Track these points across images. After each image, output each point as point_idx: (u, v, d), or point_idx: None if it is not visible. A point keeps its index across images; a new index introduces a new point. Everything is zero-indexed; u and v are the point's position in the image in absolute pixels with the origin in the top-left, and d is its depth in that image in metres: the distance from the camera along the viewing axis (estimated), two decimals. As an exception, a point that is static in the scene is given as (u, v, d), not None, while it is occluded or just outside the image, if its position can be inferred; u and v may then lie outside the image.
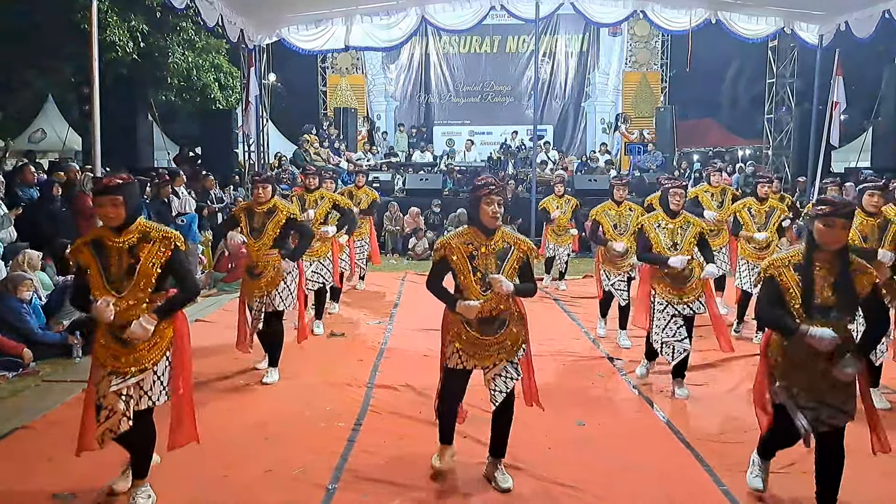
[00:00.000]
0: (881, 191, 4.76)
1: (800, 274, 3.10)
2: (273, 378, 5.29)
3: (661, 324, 4.94)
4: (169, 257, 3.26)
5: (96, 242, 3.26)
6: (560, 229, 9.01)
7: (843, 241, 3.05)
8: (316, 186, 6.76)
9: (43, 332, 5.96)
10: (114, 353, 3.25)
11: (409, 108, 20.06)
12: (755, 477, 3.53)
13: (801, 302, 3.07)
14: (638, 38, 18.88)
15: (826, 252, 3.06)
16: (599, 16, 12.77)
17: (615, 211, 6.41)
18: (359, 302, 8.35)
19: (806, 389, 3.12)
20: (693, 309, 4.95)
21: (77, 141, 16.47)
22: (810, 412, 3.11)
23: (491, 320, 3.51)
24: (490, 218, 3.47)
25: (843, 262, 3.06)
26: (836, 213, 3.00)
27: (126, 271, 3.22)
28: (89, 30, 6.17)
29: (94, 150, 6.21)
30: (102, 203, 3.17)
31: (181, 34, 13.63)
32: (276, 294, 5.23)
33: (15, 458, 3.91)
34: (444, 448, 3.74)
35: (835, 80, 11.86)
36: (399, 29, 12.78)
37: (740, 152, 20.99)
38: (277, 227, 5.19)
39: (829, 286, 3.05)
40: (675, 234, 4.92)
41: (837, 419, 3.09)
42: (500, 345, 3.54)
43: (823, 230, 3.03)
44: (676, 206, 4.95)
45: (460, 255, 3.51)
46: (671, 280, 4.91)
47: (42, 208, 8.14)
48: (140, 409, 3.27)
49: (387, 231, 12.67)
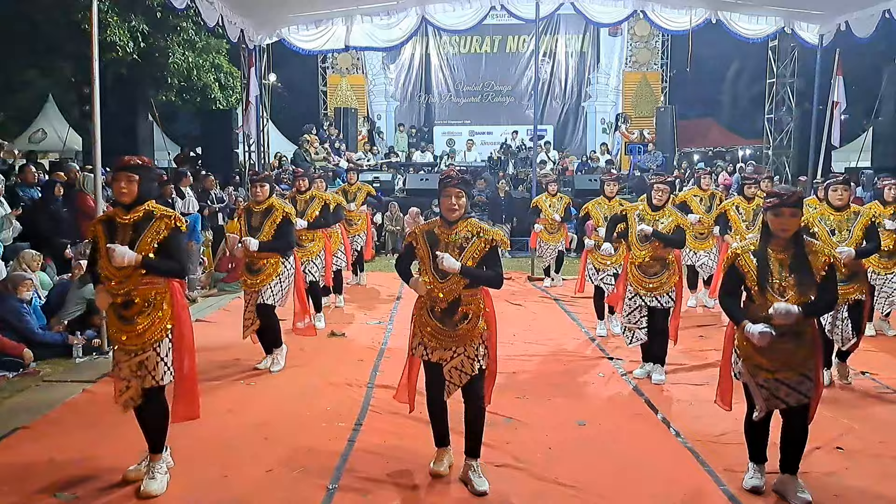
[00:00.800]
0: (843, 184, 4.96)
1: (756, 259, 3.35)
2: (279, 364, 5.46)
3: (627, 310, 5.30)
4: (167, 235, 3.47)
5: (109, 220, 3.56)
6: (552, 227, 9.08)
7: (794, 228, 3.29)
8: (307, 188, 6.84)
9: (43, 333, 5.96)
10: (119, 330, 3.49)
11: (409, 109, 20.07)
12: (751, 478, 3.55)
13: (758, 284, 3.31)
14: (638, 37, 18.88)
15: (781, 239, 3.31)
16: (599, 16, 12.76)
17: (606, 206, 6.60)
18: (359, 302, 8.36)
19: (764, 369, 3.35)
20: (661, 302, 5.17)
21: (77, 141, 16.48)
22: (766, 391, 3.36)
23: (451, 311, 3.54)
24: (447, 210, 3.54)
25: (798, 246, 3.31)
26: (783, 203, 3.25)
27: (128, 245, 3.41)
28: (90, 30, 6.15)
29: (94, 151, 6.19)
30: (119, 178, 3.44)
31: (181, 34, 13.64)
32: (267, 288, 5.37)
33: (16, 458, 3.91)
34: (441, 452, 3.73)
35: (835, 80, 11.85)
36: (399, 29, 12.77)
37: (740, 152, 21.00)
38: (274, 225, 5.34)
39: (785, 268, 3.30)
40: (653, 224, 5.16)
41: (791, 397, 3.33)
42: (459, 338, 3.54)
43: (774, 220, 3.30)
44: (659, 201, 5.21)
45: (422, 243, 3.60)
46: (641, 272, 5.19)
47: (43, 208, 8.15)
48: (146, 388, 3.46)
49: (387, 231, 12.67)
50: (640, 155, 16.51)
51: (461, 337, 3.54)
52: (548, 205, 9.03)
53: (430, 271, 3.56)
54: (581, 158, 17.38)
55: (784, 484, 3.45)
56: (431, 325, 3.58)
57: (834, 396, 4.96)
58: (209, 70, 14.68)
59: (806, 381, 3.33)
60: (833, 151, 13.52)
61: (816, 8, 11.52)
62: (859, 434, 4.29)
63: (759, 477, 3.53)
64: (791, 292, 3.26)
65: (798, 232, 3.32)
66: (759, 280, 3.31)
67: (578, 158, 17.39)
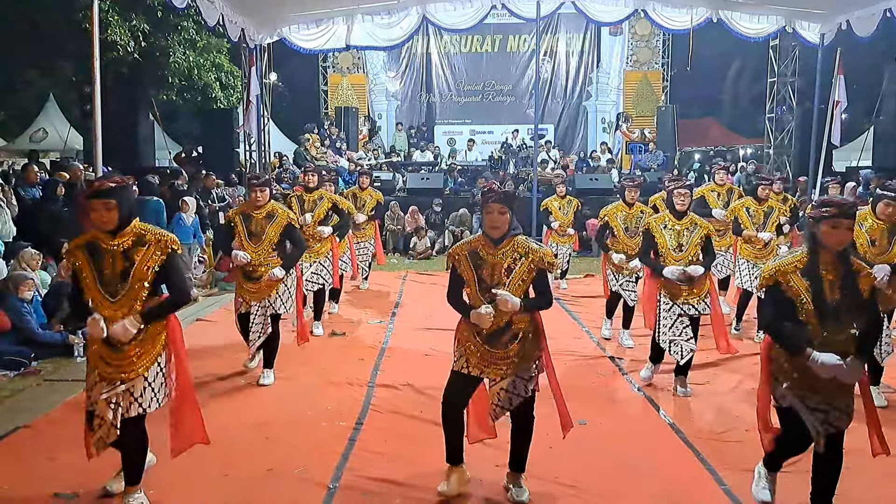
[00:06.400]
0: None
1: (808, 279, 3.03)
2: (269, 380, 5.23)
3: (668, 323, 4.94)
4: (164, 261, 3.22)
5: (91, 245, 3.22)
6: (562, 230, 8.99)
7: (848, 241, 3.02)
8: (315, 185, 6.66)
9: (44, 332, 5.97)
10: (104, 357, 3.20)
11: (410, 108, 20.05)
12: (763, 489, 3.41)
13: (813, 307, 3.00)
14: (639, 37, 18.86)
15: (829, 254, 3.02)
16: (600, 15, 12.76)
17: (626, 213, 6.33)
18: (360, 301, 8.35)
19: (814, 391, 3.05)
20: (698, 309, 4.94)
21: (78, 140, 16.49)
22: (820, 413, 3.05)
23: (500, 333, 3.34)
24: (490, 227, 3.32)
25: (846, 264, 3.03)
26: (842, 213, 2.96)
27: (120, 275, 3.17)
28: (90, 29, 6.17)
29: (95, 150, 6.21)
30: (95, 207, 3.12)
31: (182, 34, 13.66)
32: (276, 297, 5.20)
33: (16, 458, 3.92)
34: (452, 470, 3.52)
35: (836, 79, 11.85)
36: (400, 28, 12.77)
37: (741, 151, 20.99)
38: (278, 231, 5.15)
39: (836, 289, 3.01)
40: (682, 235, 4.92)
41: (842, 421, 3.06)
42: (508, 359, 3.35)
43: (830, 231, 2.98)
44: (682, 207, 4.95)
45: (466, 264, 3.38)
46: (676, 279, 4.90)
47: (44, 208, 8.15)
48: (129, 417, 3.21)
49: (388, 230, 12.67)
50: (641, 154, 16.49)
51: (511, 358, 3.35)
52: (557, 207, 8.82)
53: (476, 295, 3.34)
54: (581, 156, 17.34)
55: None
56: (478, 346, 3.36)
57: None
58: (210, 69, 14.70)
59: (852, 403, 3.09)
60: (834, 151, 13.52)
61: (817, 7, 11.52)
62: (860, 433, 4.28)
63: (769, 487, 3.39)
64: (844, 317, 3.00)
65: (846, 248, 3.04)
66: (814, 303, 2.99)
67: (579, 158, 17.36)
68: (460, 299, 3.44)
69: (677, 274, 4.79)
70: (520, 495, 3.44)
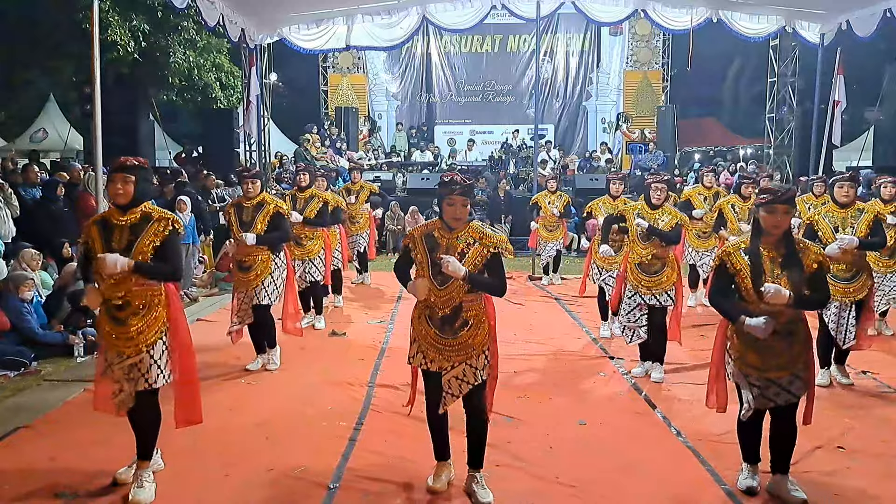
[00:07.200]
0: (850, 181, 4.96)
1: (749, 257, 3.34)
2: (274, 363, 5.47)
3: (627, 309, 5.32)
4: (164, 237, 3.44)
5: (104, 221, 3.51)
6: (551, 225, 9.12)
7: (786, 225, 3.31)
8: (307, 184, 6.77)
9: (44, 332, 5.97)
10: (111, 331, 3.43)
11: (410, 108, 20.05)
12: (745, 479, 3.53)
13: (752, 283, 3.29)
14: (639, 37, 18.85)
15: (772, 237, 3.31)
16: (600, 15, 12.74)
17: (611, 206, 6.60)
18: (360, 301, 8.36)
19: (756, 367, 3.37)
20: (660, 300, 5.19)
21: (78, 140, 16.49)
22: (756, 388, 3.37)
23: (451, 319, 3.40)
24: (451, 218, 3.40)
25: (789, 243, 3.32)
26: (776, 199, 3.25)
27: (125, 248, 3.39)
28: (91, 29, 6.17)
29: (95, 150, 6.20)
30: (114, 179, 3.40)
31: (182, 34, 13.67)
32: (261, 288, 5.34)
33: (17, 458, 3.91)
34: (440, 466, 3.58)
35: (836, 79, 11.84)
36: (400, 28, 12.76)
37: (741, 151, 20.95)
38: (266, 220, 5.33)
39: (777, 266, 3.30)
40: (653, 223, 5.19)
41: (781, 397, 3.35)
42: (459, 346, 3.40)
43: (767, 217, 3.29)
44: (657, 200, 5.25)
45: (421, 247, 3.44)
46: (641, 270, 5.22)
47: (44, 208, 8.14)
48: (139, 391, 3.42)
49: (388, 230, 12.68)
50: (641, 154, 16.48)
51: (462, 345, 3.40)
52: (547, 202, 9.09)
53: (428, 277, 3.39)
54: (580, 155, 17.35)
55: (777, 484, 3.44)
56: (430, 332, 3.44)
57: (835, 395, 4.97)
58: (210, 69, 14.71)
59: (796, 380, 3.35)
60: (834, 150, 13.51)
61: (817, 7, 11.51)
62: (860, 433, 4.29)
63: (753, 477, 3.52)
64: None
65: (788, 230, 3.34)
66: (752, 278, 3.29)
67: (579, 158, 17.37)
68: (405, 272, 3.58)
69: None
70: (485, 497, 3.38)
